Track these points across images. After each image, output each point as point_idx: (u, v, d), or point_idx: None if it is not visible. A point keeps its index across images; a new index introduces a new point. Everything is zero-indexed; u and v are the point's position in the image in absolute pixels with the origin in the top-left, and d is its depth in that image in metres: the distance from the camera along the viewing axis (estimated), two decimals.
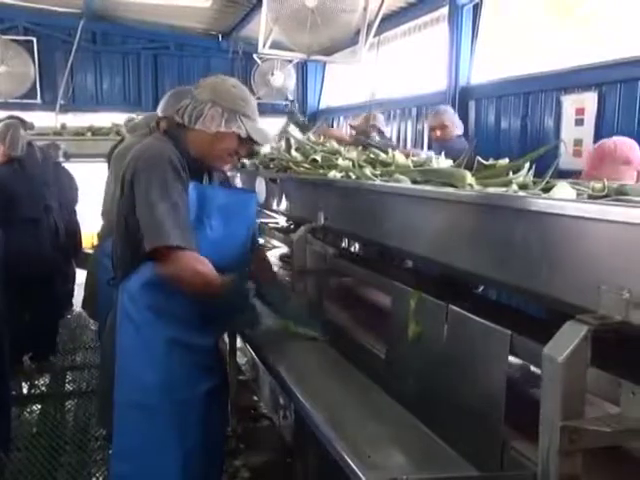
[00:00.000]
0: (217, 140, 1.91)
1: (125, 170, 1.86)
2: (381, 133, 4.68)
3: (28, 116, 4.83)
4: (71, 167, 5.36)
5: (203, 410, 1.95)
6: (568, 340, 0.99)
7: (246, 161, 3.58)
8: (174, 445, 1.89)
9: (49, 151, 4.86)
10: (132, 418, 1.89)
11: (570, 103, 3.95)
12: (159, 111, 2.84)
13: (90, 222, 5.55)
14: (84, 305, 4.76)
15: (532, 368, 1.51)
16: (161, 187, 1.77)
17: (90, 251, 5.87)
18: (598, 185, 1.49)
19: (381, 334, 1.92)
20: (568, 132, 3.93)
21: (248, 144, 1.98)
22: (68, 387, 4.26)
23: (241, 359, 2.82)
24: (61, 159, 5.23)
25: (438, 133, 4.28)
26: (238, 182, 3.58)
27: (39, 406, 3.94)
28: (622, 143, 2.37)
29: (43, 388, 4.23)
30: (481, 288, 1.96)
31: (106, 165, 3.97)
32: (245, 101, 1.94)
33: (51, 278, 4.36)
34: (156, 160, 1.81)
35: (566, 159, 3.79)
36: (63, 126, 6.91)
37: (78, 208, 5.31)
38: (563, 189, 1.45)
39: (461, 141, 4.24)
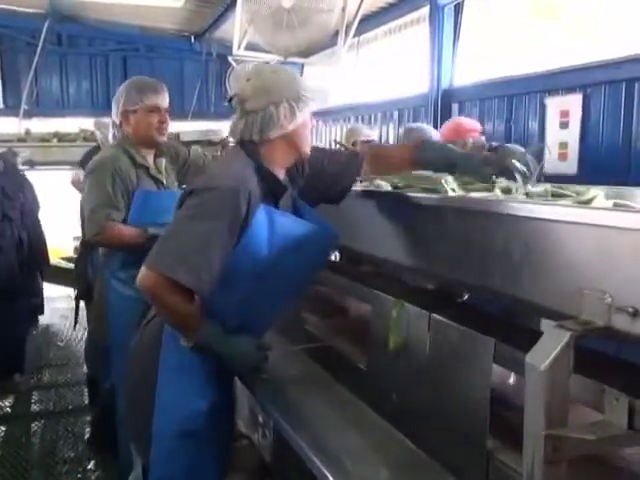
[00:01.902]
0: (298, 132, 1.80)
1: (188, 187, 1.77)
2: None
3: None
4: (36, 175, 5.31)
5: (229, 436, 1.96)
6: (550, 347, 1.01)
7: None
8: (217, 470, 1.88)
9: (7, 158, 4.80)
10: (178, 448, 1.80)
11: (554, 105, 4.02)
12: (114, 117, 2.82)
13: (58, 233, 5.53)
14: (77, 323, 4.63)
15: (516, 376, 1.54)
16: (206, 219, 1.66)
17: (65, 264, 5.83)
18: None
19: (362, 344, 1.93)
20: (553, 135, 4.00)
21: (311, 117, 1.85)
22: (34, 407, 4.21)
23: None
24: (21, 166, 5.16)
25: None
26: None
27: (3, 428, 3.88)
28: None
29: (7, 409, 4.17)
30: (465, 297, 1.99)
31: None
32: (295, 78, 1.84)
33: (14, 293, 4.31)
34: (219, 187, 1.68)
35: (551, 163, 3.86)
36: (27, 132, 6.84)
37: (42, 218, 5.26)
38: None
39: None
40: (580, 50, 3.95)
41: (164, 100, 2.72)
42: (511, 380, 1.58)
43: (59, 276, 5.59)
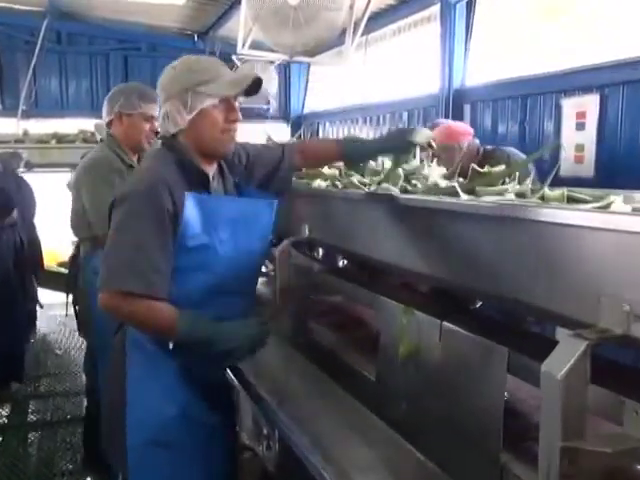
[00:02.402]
0: (197, 128, 1.83)
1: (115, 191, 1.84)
2: None
3: None
4: (35, 178, 5.34)
5: (220, 441, 1.95)
6: (567, 356, 1.02)
7: None
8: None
9: (10, 160, 4.85)
10: (151, 457, 1.82)
11: (571, 106, 4.02)
12: (104, 117, 2.93)
13: (56, 237, 5.55)
14: (80, 330, 4.65)
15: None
16: (133, 223, 1.72)
17: (60, 269, 5.85)
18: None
19: (370, 354, 1.94)
20: (569, 137, 4.00)
21: (232, 103, 1.85)
22: (31, 417, 4.23)
23: None
24: (22, 169, 5.21)
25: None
26: None
27: None
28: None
29: (3, 419, 4.19)
30: (478, 304, 1.99)
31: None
32: (190, 70, 1.84)
33: (14, 298, 4.34)
34: (137, 191, 1.75)
35: (567, 166, 3.87)
36: (25, 133, 6.89)
37: (39, 222, 5.29)
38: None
39: None
40: (597, 49, 3.95)
41: (157, 110, 2.84)
42: (526, 391, 1.58)
43: (53, 281, 5.61)
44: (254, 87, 1.85)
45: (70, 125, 7.20)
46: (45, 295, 5.43)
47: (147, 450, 1.81)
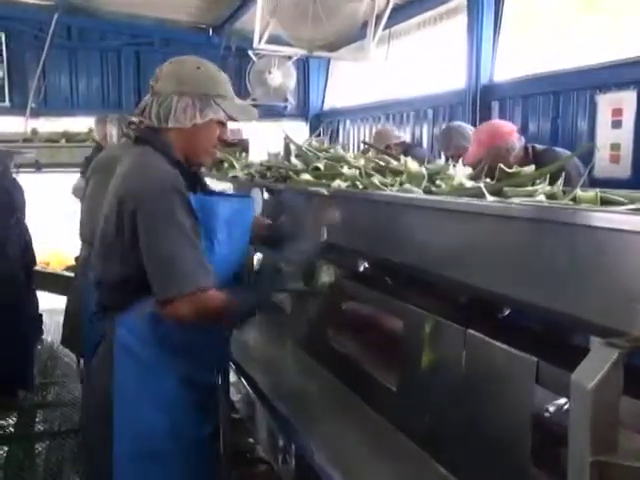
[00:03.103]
0: (197, 134, 1.91)
1: (123, 197, 1.83)
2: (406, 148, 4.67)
3: None
4: (44, 178, 5.40)
5: (207, 455, 1.98)
6: (598, 365, 1.01)
7: (240, 172, 3.64)
8: None
9: (5, 160, 4.90)
10: (139, 470, 1.85)
11: (606, 103, 3.99)
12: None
13: (68, 240, 5.62)
14: (64, 341, 4.74)
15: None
16: (174, 223, 1.78)
17: (67, 273, 5.92)
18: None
19: (392, 363, 1.94)
20: (604, 135, 3.97)
21: (225, 125, 1.97)
22: (38, 427, 4.27)
23: (234, 395, 2.84)
24: (13, 169, 5.26)
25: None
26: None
27: (5, 448, 3.93)
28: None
29: (10, 428, 4.23)
30: (505, 311, 1.99)
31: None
32: (214, 80, 1.92)
33: (21, 300, 4.39)
34: (161, 191, 1.79)
35: (602, 166, 3.83)
36: (34, 132, 6.99)
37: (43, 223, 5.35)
38: None
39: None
40: (635, 41, 3.92)
41: None
42: (555, 403, 1.57)
43: (49, 283, 5.67)
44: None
45: (80, 124, 7.29)
46: (54, 300, 5.49)
47: (135, 462, 1.84)
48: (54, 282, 5.80)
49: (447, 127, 4.37)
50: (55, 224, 5.40)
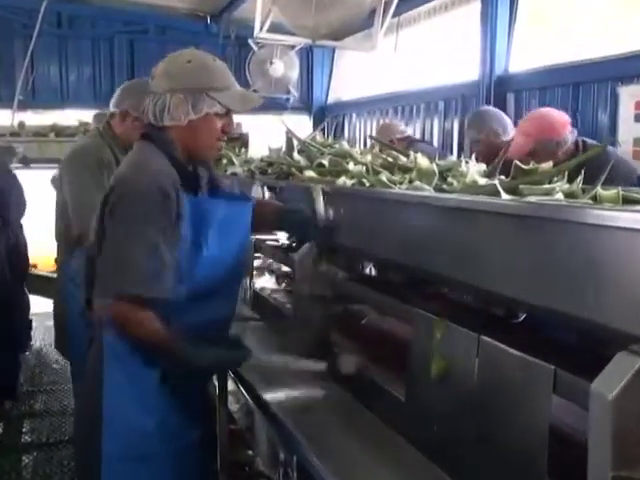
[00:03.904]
0: (195, 130, 1.95)
1: (108, 194, 1.89)
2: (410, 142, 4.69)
3: None
4: (31, 174, 5.41)
5: (197, 462, 2.04)
6: (619, 374, 1.01)
7: (239, 169, 3.64)
8: None
9: (3, 156, 4.93)
10: (127, 473, 1.91)
11: (629, 95, 3.99)
12: (111, 105, 2.97)
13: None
14: (58, 344, 4.74)
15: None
16: (141, 223, 1.82)
17: (51, 275, 5.92)
18: None
19: (400, 371, 1.94)
20: (626, 130, 3.96)
21: (228, 116, 2.00)
22: (25, 438, 4.28)
23: (233, 405, 2.84)
24: (15, 165, 5.29)
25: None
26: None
27: None
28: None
29: None
30: (521, 317, 1.99)
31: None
32: (207, 72, 1.95)
33: (10, 304, 4.40)
34: (141, 192, 1.84)
35: None
36: (21, 125, 7.00)
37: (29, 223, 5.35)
38: None
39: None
40: None
41: None
42: (574, 413, 1.57)
43: (40, 286, 5.67)
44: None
45: (70, 117, 7.30)
46: (44, 304, 5.49)
47: (122, 466, 1.90)
48: (44, 285, 5.80)
49: (479, 109, 4.30)
50: (43, 224, 5.39)
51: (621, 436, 1.00)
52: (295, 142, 3.19)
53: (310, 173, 2.68)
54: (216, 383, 2.77)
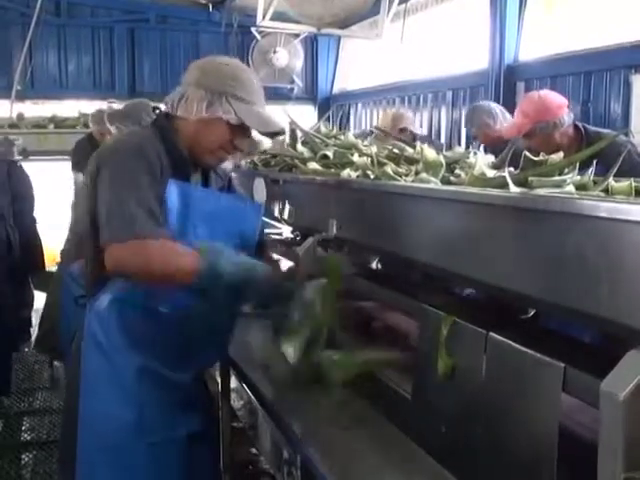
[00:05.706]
0: (200, 129, 1.96)
1: (91, 165, 1.93)
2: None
3: None
4: (30, 167, 5.42)
5: (184, 459, 2.01)
6: (630, 373, 1.01)
7: (242, 161, 3.63)
8: None
9: (1, 148, 4.93)
10: (102, 463, 1.92)
11: None
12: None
13: (50, 234, 5.64)
14: (38, 342, 4.79)
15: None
16: (126, 175, 1.84)
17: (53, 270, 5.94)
18: None
19: (406, 369, 1.94)
20: None
21: (246, 134, 2.02)
22: (24, 436, 4.29)
23: (236, 402, 2.85)
24: (17, 157, 5.30)
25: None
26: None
27: None
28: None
29: None
30: (530, 313, 1.98)
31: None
32: (237, 80, 1.97)
33: (3, 301, 4.41)
34: (124, 148, 1.91)
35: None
36: (20, 117, 7.01)
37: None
38: None
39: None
40: None
41: None
42: (584, 413, 1.56)
43: (42, 282, 5.69)
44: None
45: (70, 108, 7.31)
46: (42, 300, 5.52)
47: (97, 455, 1.91)
48: (44, 280, 5.81)
49: (470, 107, 4.55)
50: (41, 217, 5.40)
51: (632, 437, 1.00)
52: (299, 133, 3.18)
53: (314, 165, 2.67)
54: (219, 380, 2.79)
